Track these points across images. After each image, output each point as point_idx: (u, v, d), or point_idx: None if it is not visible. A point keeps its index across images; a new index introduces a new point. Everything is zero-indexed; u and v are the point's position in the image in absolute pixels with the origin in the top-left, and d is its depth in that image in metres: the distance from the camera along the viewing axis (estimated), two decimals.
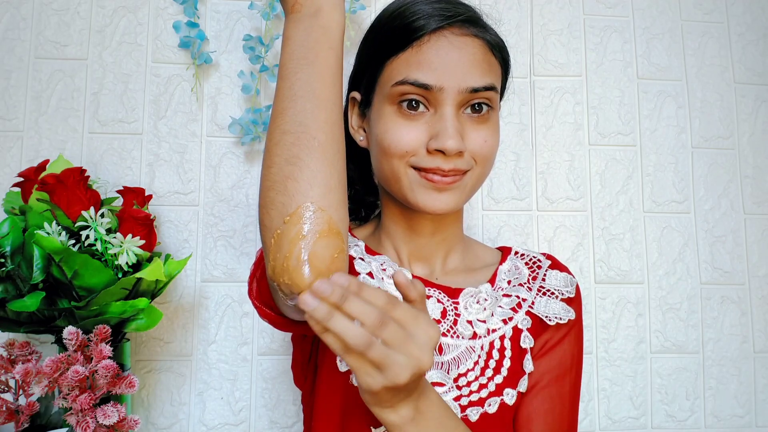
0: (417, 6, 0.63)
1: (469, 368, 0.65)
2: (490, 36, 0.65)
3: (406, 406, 0.50)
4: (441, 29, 0.62)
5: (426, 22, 0.61)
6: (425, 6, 0.63)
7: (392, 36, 0.63)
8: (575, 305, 0.70)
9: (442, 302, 0.68)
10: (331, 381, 0.66)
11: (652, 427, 1.03)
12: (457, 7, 0.64)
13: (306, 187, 0.47)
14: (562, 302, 0.69)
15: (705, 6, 1.11)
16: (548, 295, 0.70)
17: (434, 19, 0.61)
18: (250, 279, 0.60)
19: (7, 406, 0.72)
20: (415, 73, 0.61)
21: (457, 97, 0.61)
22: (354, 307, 0.43)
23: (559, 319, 0.68)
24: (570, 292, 0.71)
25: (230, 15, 1.03)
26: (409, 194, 0.63)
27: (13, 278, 0.77)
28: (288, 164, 0.47)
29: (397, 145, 0.61)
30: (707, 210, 1.07)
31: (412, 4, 0.64)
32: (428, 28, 0.61)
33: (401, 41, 0.62)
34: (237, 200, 1.00)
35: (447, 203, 0.63)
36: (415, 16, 0.62)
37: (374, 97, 0.65)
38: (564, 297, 0.70)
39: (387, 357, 0.44)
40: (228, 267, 0.99)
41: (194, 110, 1.01)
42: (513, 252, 0.75)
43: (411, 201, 0.64)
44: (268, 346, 0.98)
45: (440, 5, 0.63)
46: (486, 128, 0.63)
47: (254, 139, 0.97)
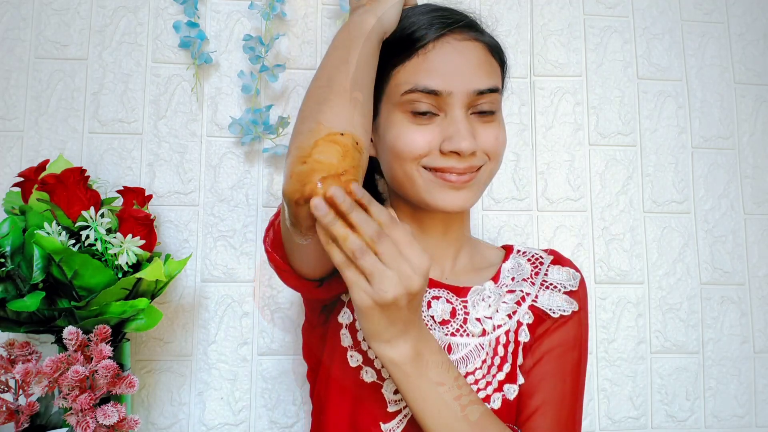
0: (415, 17, 0.66)
1: (477, 366, 0.66)
2: (489, 39, 0.68)
3: (404, 343, 0.54)
4: (443, 36, 0.64)
5: (428, 31, 0.64)
6: (423, 16, 0.66)
7: (396, 46, 0.65)
8: (578, 297, 0.71)
9: (451, 302, 0.69)
10: (341, 377, 0.67)
11: (652, 427, 1.03)
12: (454, 14, 0.67)
13: (331, 117, 0.54)
14: (564, 295, 0.71)
15: (705, 6, 1.11)
16: (551, 288, 0.71)
17: (435, 27, 0.64)
18: (268, 227, 0.65)
19: (7, 406, 0.72)
20: (423, 80, 0.63)
21: (465, 99, 0.63)
22: (357, 217, 0.48)
23: (562, 311, 0.69)
24: (573, 285, 0.72)
25: (230, 15, 1.03)
26: (425, 195, 0.65)
27: (13, 278, 0.77)
28: (318, 104, 0.56)
29: (411, 148, 0.63)
30: (707, 210, 1.07)
31: (410, 16, 0.67)
32: (431, 36, 0.64)
33: (406, 51, 0.64)
34: (237, 200, 1.00)
35: (465, 200, 0.65)
36: (416, 26, 0.65)
37: (381, 106, 0.67)
38: (567, 290, 0.71)
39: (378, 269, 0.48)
40: (228, 267, 0.99)
41: (194, 110, 1.01)
42: (515, 250, 0.76)
43: (428, 201, 0.65)
44: (268, 346, 0.98)
45: (438, 13, 0.66)
46: (495, 126, 0.66)
47: (254, 139, 0.97)
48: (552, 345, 0.68)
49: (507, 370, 0.67)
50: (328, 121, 0.54)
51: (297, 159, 0.52)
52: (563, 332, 0.69)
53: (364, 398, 0.66)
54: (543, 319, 0.69)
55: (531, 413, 0.66)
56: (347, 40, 0.62)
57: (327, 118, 0.54)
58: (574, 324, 0.70)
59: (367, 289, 0.49)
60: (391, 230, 0.49)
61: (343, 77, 0.58)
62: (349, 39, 0.62)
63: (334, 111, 0.55)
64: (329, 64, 0.60)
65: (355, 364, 0.66)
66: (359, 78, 0.59)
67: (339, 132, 0.52)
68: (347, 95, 0.56)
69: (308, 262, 0.60)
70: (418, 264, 0.49)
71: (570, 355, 0.69)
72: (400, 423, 0.65)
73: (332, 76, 0.58)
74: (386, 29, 0.64)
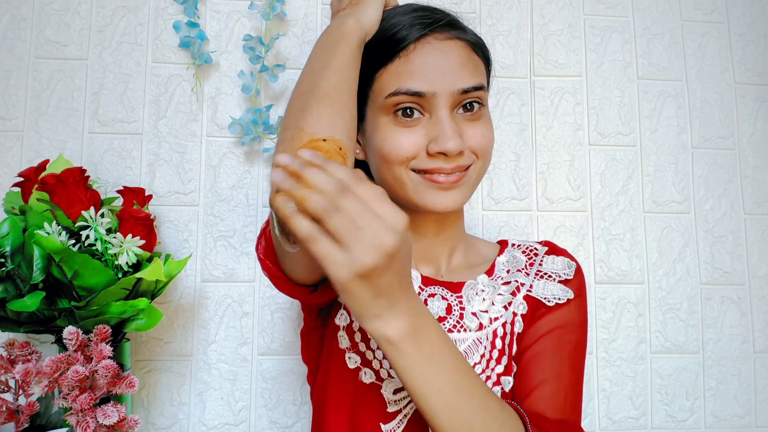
0: (396, 18, 0.66)
1: (476, 361, 0.66)
2: (471, 36, 0.67)
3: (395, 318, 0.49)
4: (424, 36, 0.64)
5: (409, 32, 0.64)
6: (404, 17, 0.65)
7: (378, 49, 0.65)
8: (575, 286, 0.71)
9: (447, 298, 0.69)
10: (340, 379, 0.67)
11: (652, 427, 1.03)
12: (435, 13, 0.66)
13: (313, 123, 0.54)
14: (560, 284, 0.70)
15: (705, 6, 1.11)
16: (546, 278, 0.71)
17: (416, 28, 0.64)
18: (260, 235, 0.63)
19: (7, 406, 0.72)
20: (407, 83, 0.62)
21: (450, 99, 0.63)
22: (313, 175, 0.44)
23: (557, 299, 0.69)
24: (568, 274, 0.71)
25: (230, 15, 1.03)
26: (414, 197, 0.65)
27: (13, 278, 0.77)
28: (300, 110, 0.56)
29: (398, 151, 0.63)
30: (707, 210, 1.07)
31: (390, 17, 0.66)
32: (412, 37, 0.63)
33: (388, 53, 0.64)
34: (237, 200, 1.00)
35: (454, 200, 0.64)
36: (396, 27, 0.64)
37: (367, 110, 0.67)
38: (562, 279, 0.71)
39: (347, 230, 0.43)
40: (228, 267, 0.99)
41: (194, 110, 1.01)
42: (510, 244, 0.76)
43: (418, 203, 0.65)
44: (268, 346, 0.98)
45: (418, 14, 0.66)
46: (481, 124, 0.65)
47: (254, 139, 0.97)
48: (549, 327, 0.67)
49: (505, 362, 0.67)
50: (310, 127, 0.53)
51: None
52: (560, 315, 0.68)
53: (363, 399, 0.65)
54: (538, 308, 0.69)
55: (529, 391, 0.65)
56: (328, 44, 0.62)
57: (309, 124, 0.54)
58: (572, 308, 0.69)
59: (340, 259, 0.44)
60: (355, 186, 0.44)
61: (325, 82, 0.58)
62: (329, 43, 0.62)
63: (315, 116, 0.55)
64: (311, 70, 0.60)
65: (353, 365, 0.66)
66: (341, 81, 0.59)
67: (321, 138, 0.51)
68: (329, 100, 0.56)
69: (300, 268, 0.58)
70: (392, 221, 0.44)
71: (568, 337, 0.68)
72: (401, 423, 0.65)
73: (313, 82, 0.58)
74: (367, 31, 0.64)
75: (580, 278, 0.72)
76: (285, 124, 0.57)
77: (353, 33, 0.62)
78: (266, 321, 0.99)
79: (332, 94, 0.57)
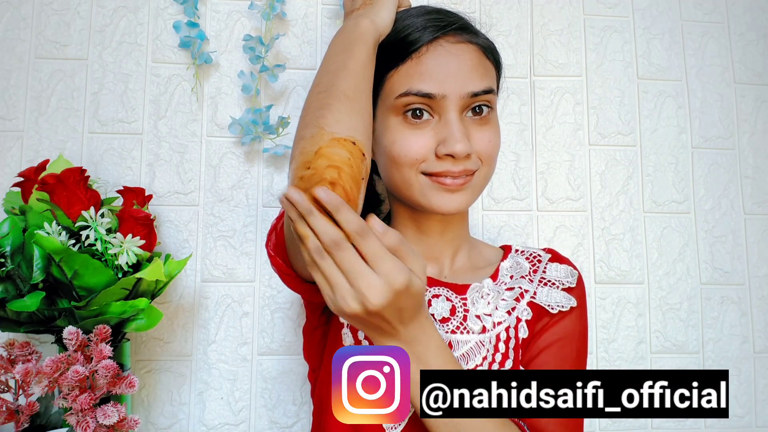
0: (409, 20, 0.66)
1: (477, 363, 0.67)
2: (483, 40, 0.68)
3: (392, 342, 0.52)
4: (437, 39, 0.64)
5: (421, 34, 0.64)
6: (417, 19, 0.66)
7: (390, 50, 0.65)
8: (577, 294, 0.72)
9: (451, 300, 0.69)
10: None
11: (652, 427, 1.03)
12: (448, 16, 0.67)
13: (333, 123, 0.54)
14: (563, 291, 0.71)
15: (705, 6, 1.11)
16: (549, 285, 0.72)
17: (429, 31, 0.64)
18: (270, 231, 0.65)
19: (7, 406, 0.72)
20: (417, 84, 0.63)
21: (459, 102, 0.63)
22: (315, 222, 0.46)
23: (561, 306, 0.70)
24: (571, 282, 0.72)
25: (230, 15, 1.03)
26: (421, 198, 0.65)
27: (13, 278, 0.77)
28: (319, 109, 0.56)
29: (407, 154, 0.64)
30: (707, 210, 1.07)
31: (403, 19, 0.67)
32: (424, 39, 0.64)
33: (400, 54, 0.64)
34: (237, 200, 1.00)
35: (460, 203, 0.65)
36: (409, 29, 0.65)
37: (377, 110, 0.67)
38: (565, 287, 0.72)
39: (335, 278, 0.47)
40: (228, 267, 0.99)
41: (194, 110, 1.01)
42: (514, 249, 0.77)
43: (424, 204, 0.66)
44: (268, 346, 0.98)
45: (431, 16, 0.66)
46: (489, 129, 0.66)
47: (254, 139, 0.97)
48: (551, 340, 0.69)
49: (509, 366, 0.68)
50: (331, 126, 0.53)
51: (301, 164, 0.52)
52: (561, 327, 0.69)
53: None
54: (542, 315, 0.70)
55: None
56: (344, 44, 0.62)
57: (329, 123, 0.54)
58: (573, 319, 0.70)
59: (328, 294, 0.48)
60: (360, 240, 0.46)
61: (343, 83, 0.58)
62: (346, 43, 0.62)
63: (336, 117, 0.55)
64: (327, 70, 0.60)
65: None
66: (359, 83, 0.59)
67: (342, 137, 0.52)
68: (348, 101, 0.57)
69: None
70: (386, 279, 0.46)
71: (569, 349, 0.69)
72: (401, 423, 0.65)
73: (332, 82, 0.58)
74: (381, 32, 0.65)
75: (582, 287, 0.74)
76: (304, 122, 0.56)
77: (368, 34, 0.63)
78: (266, 321, 0.99)
79: (351, 95, 0.57)
